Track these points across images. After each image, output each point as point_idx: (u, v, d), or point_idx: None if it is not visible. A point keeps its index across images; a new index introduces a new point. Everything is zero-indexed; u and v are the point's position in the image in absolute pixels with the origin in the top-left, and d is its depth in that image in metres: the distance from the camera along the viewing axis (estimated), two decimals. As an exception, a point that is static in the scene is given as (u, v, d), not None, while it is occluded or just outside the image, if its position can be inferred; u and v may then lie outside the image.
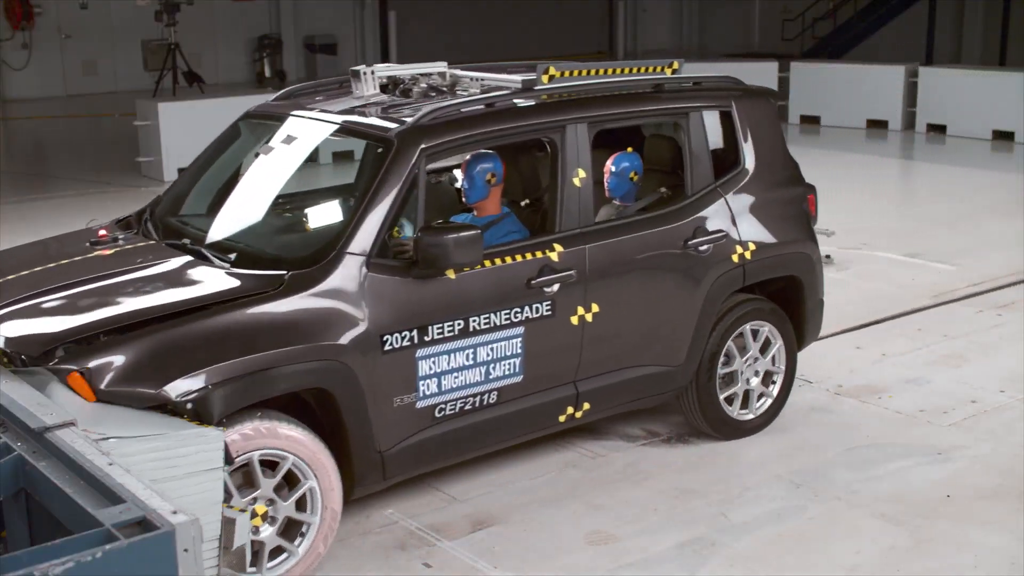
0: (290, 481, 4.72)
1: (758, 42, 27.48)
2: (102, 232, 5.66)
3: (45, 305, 4.84)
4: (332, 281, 4.84)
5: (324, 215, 5.86)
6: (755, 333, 6.22)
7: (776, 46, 25.19)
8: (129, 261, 5.21)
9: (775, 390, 6.36)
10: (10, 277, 5.20)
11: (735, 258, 6.04)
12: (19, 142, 18.38)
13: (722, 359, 6.11)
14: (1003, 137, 16.18)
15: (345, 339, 4.79)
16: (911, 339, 7.86)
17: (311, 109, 5.82)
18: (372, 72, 5.86)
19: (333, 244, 4.95)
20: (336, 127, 5.56)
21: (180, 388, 4.36)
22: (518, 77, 5.78)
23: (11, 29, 21.30)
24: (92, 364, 4.35)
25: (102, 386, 4.31)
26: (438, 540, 5.24)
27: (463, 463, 5.85)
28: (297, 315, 4.75)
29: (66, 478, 3.41)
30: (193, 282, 4.96)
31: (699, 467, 5.95)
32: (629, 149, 6.21)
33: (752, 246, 6.10)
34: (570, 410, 5.63)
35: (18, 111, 20.51)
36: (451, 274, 5.07)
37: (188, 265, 5.13)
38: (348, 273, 4.88)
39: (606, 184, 6.14)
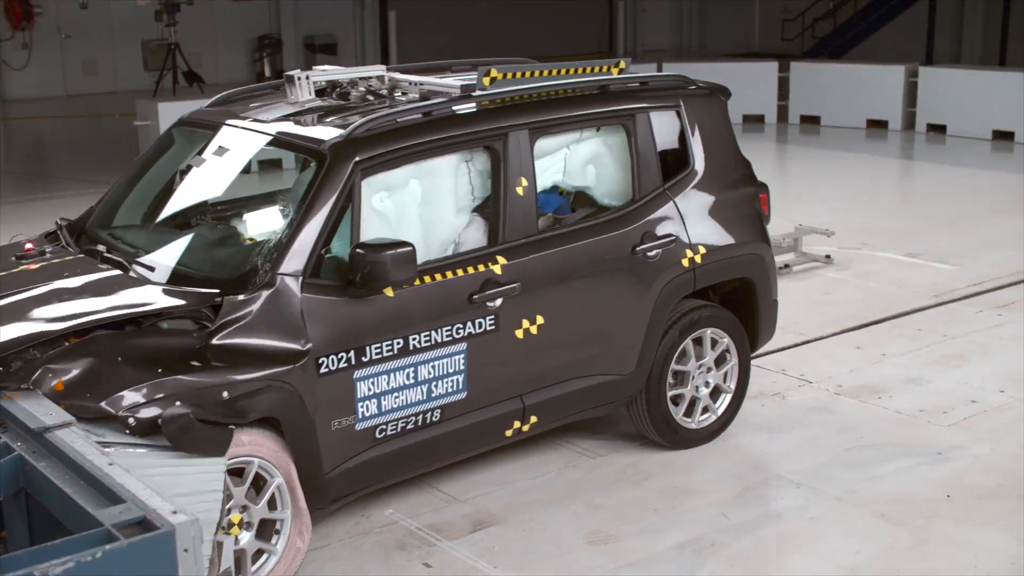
0: (256, 483, 4.61)
1: (758, 42, 27.47)
2: (28, 246, 5.40)
3: None
4: (266, 304, 4.62)
5: (258, 231, 5.49)
6: (707, 340, 6.09)
7: (776, 46, 25.19)
8: (55, 275, 4.95)
9: (727, 397, 6.24)
10: None
11: (685, 262, 5.90)
12: (19, 142, 18.38)
13: (672, 367, 5.97)
14: (1003, 137, 16.17)
15: (285, 364, 4.60)
16: (911, 339, 7.86)
17: (244, 118, 5.57)
18: (307, 77, 5.64)
19: (266, 264, 4.74)
20: (268, 138, 5.32)
21: (123, 403, 4.20)
22: (458, 82, 5.56)
23: (11, 29, 21.30)
24: (33, 378, 4.22)
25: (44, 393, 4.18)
26: (438, 540, 5.24)
27: (462, 463, 5.85)
28: (230, 341, 4.53)
29: (66, 478, 3.41)
30: (122, 297, 4.71)
31: (699, 467, 5.95)
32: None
33: (702, 249, 5.97)
34: (517, 424, 5.48)
35: (18, 111, 20.51)
36: (389, 292, 4.89)
37: (117, 280, 4.90)
38: (282, 295, 4.67)
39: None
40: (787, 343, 7.79)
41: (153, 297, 4.69)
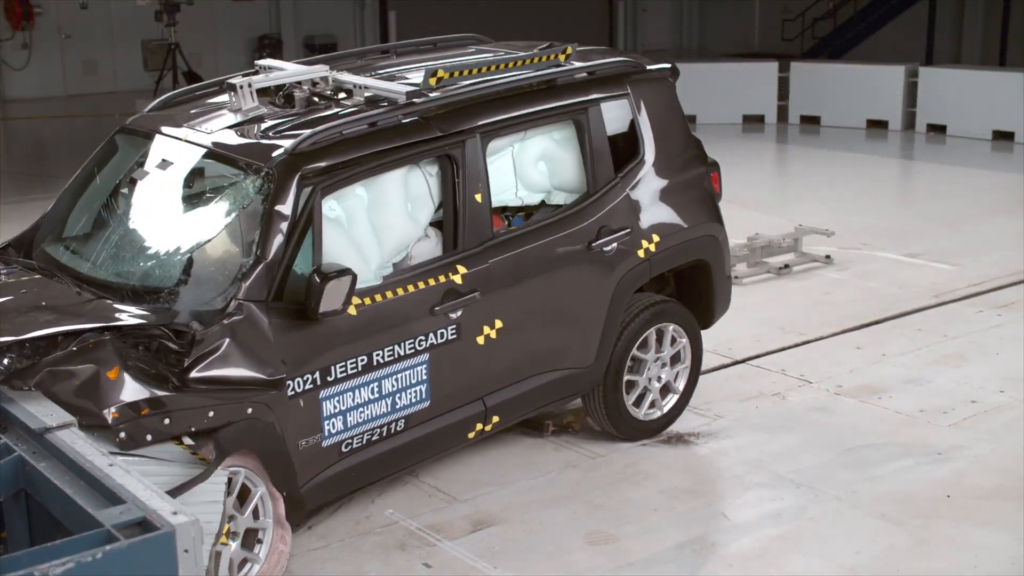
0: (240, 495, 4.64)
1: (758, 42, 27.45)
2: None
3: None
4: (236, 333, 4.53)
5: (214, 256, 5.02)
6: (668, 335, 6.15)
7: (776, 46, 25.16)
8: (14, 292, 4.87)
9: (674, 398, 6.29)
10: None
11: (641, 253, 5.91)
12: (19, 142, 18.37)
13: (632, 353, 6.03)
14: (1003, 137, 16.16)
15: (261, 391, 4.57)
16: (911, 339, 7.86)
17: (184, 126, 5.35)
18: (249, 85, 5.30)
19: (230, 291, 4.64)
20: (205, 152, 5.13)
21: (118, 413, 4.18)
22: (404, 87, 5.29)
23: (11, 29, 21.29)
24: (36, 380, 4.23)
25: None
26: (438, 540, 5.24)
27: (462, 463, 5.85)
28: (207, 374, 4.45)
29: (66, 479, 3.41)
30: (88, 313, 4.63)
31: (699, 467, 5.95)
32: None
33: (656, 238, 5.98)
34: (479, 426, 5.48)
35: (18, 111, 20.51)
36: (352, 310, 4.84)
37: (77, 298, 4.80)
38: (250, 322, 4.58)
39: None
40: (787, 343, 7.79)
41: (117, 315, 4.59)
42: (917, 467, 5.92)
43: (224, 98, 5.52)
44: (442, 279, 5.20)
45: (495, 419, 5.54)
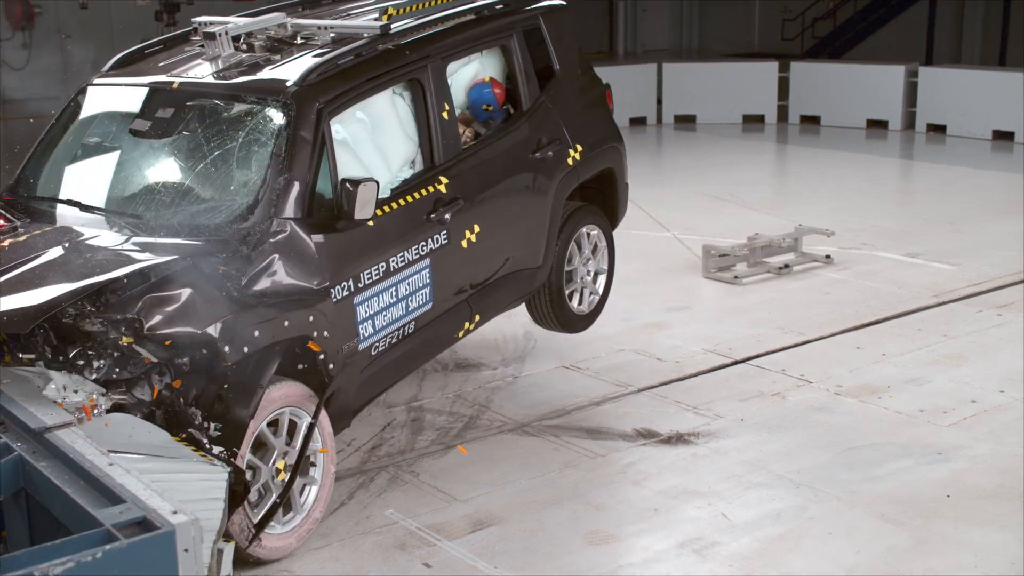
0: (289, 429, 5.05)
1: (758, 42, 27.45)
2: (1, 223, 5.39)
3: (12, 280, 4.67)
4: (281, 249, 4.98)
5: (248, 182, 5.40)
6: (585, 236, 7.01)
7: (776, 46, 25.16)
8: (56, 241, 5.04)
9: (603, 277, 7.26)
10: None
11: (570, 161, 6.69)
12: (19, 142, 18.38)
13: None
14: (1003, 137, 16.17)
15: (315, 300, 5.04)
16: (911, 339, 7.86)
17: (171, 75, 5.72)
18: (226, 33, 5.74)
19: (270, 212, 5.04)
20: (222, 92, 5.52)
21: (220, 329, 4.59)
22: (374, 23, 5.85)
23: (11, 29, 21.30)
24: (137, 310, 4.47)
25: (149, 327, 4.46)
26: (438, 540, 5.24)
27: (462, 463, 5.85)
28: (262, 287, 4.88)
29: (66, 478, 3.41)
30: (150, 251, 4.91)
31: (699, 467, 5.95)
32: (487, 79, 6.54)
33: (579, 147, 6.77)
34: (467, 325, 6.11)
35: (18, 111, 20.51)
36: (369, 221, 5.33)
37: (129, 240, 5.07)
38: (294, 238, 5.05)
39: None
40: (787, 343, 7.79)
41: (166, 251, 4.88)
42: (917, 467, 5.92)
43: (176, 52, 6.08)
44: (431, 189, 5.80)
45: (477, 318, 6.19)
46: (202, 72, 5.72)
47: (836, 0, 24.57)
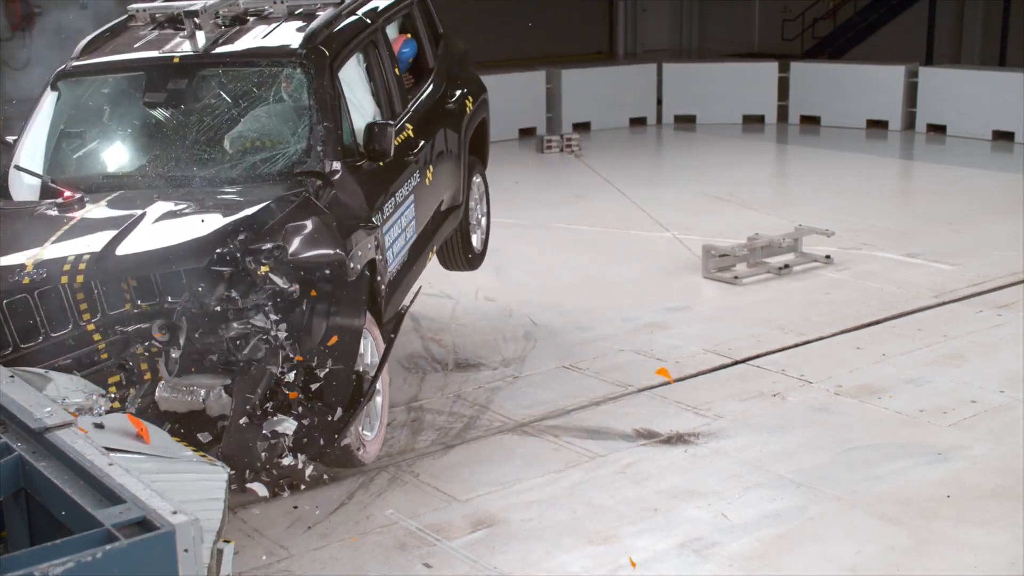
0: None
1: (758, 42, 27.45)
2: (67, 194, 5.59)
3: (150, 231, 5.11)
4: (340, 186, 5.63)
5: (290, 134, 5.96)
6: (475, 183, 8.03)
7: (776, 46, 25.16)
8: (148, 202, 5.38)
9: (485, 219, 8.39)
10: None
11: (468, 108, 7.71)
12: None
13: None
14: (1003, 137, 16.17)
15: (372, 225, 5.71)
16: (911, 339, 7.86)
17: (165, 51, 6.13)
18: (204, 11, 6.15)
19: (318, 155, 5.66)
20: (237, 59, 6.02)
21: (346, 250, 5.18)
22: None
23: (11, 29, 21.30)
24: (281, 238, 4.98)
25: (292, 253, 4.96)
26: (438, 540, 5.24)
27: (462, 463, 5.85)
28: (344, 212, 5.54)
29: (66, 478, 3.41)
30: (241, 200, 5.36)
31: (699, 467, 5.95)
32: (408, 36, 7.43)
33: (470, 99, 7.80)
34: (430, 255, 7.10)
35: (18, 111, 20.51)
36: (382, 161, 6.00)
37: (208, 196, 5.49)
38: (343, 176, 5.70)
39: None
40: (787, 343, 7.79)
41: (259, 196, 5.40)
42: (917, 467, 5.92)
43: (135, 35, 6.47)
44: (405, 135, 6.59)
45: (433, 251, 7.22)
46: (193, 47, 6.16)
47: (836, 0, 24.58)
